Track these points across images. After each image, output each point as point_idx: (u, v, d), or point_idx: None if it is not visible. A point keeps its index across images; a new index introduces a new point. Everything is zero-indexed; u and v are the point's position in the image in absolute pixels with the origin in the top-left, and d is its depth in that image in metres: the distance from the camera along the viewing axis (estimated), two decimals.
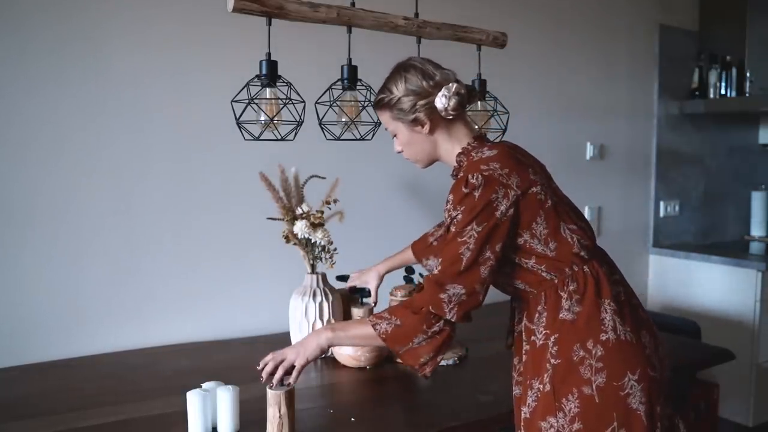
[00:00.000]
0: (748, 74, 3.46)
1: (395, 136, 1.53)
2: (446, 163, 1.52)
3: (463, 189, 1.35)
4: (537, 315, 1.41)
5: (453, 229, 1.35)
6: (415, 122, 1.46)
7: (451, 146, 1.49)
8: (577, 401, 1.33)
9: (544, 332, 1.39)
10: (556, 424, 1.35)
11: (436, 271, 1.35)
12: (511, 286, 1.44)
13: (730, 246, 3.63)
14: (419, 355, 1.37)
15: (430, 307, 1.34)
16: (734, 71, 3.52)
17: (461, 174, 1.41)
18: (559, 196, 1.46)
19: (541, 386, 1.38)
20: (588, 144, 3.21)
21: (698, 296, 3.31)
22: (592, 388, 1.33)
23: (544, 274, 1.39)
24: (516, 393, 1.49)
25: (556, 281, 1.39)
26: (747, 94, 3.48)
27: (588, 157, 3.22)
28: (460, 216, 1.34)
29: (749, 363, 3.10)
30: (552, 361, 1.36)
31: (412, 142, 1.50)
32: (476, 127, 1.91)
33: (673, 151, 3.54)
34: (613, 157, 3.32)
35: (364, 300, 2.06)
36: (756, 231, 3.83)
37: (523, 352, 1.44)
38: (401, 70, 1.48)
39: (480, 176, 1.35)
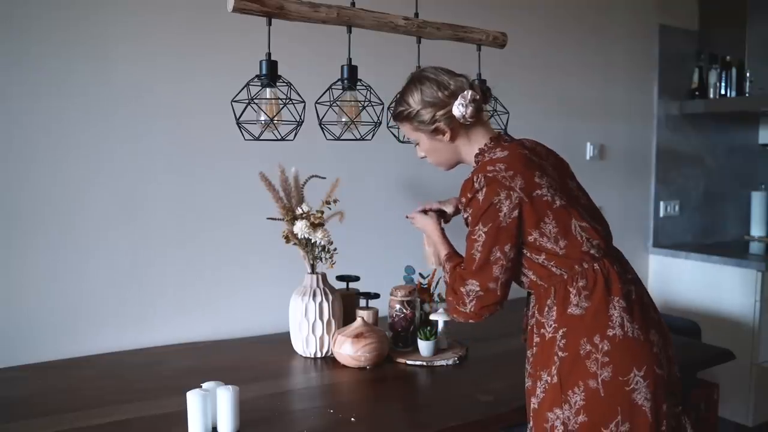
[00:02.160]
0: (748, 74, 3.46)
1: (417, 144, 1.59)
2: (469, 165, 1.57)
3: (468, 194, 1.42)
4: (547, 309, 1.44)
5: (468, 228, 1.45)
6: (436, 132, 1.52)
7: (471, 149, 1.54)
8: (583, 394, 1.36)
9: (553, 326, 1.42)
10: (562, 416, 1.37)
11: (462, 267, 1.48)
12: (525, 277, 1.48)
13: (730, 246, 3.63)
14: (453, 312, 1.48)
15: (455, 293, 1.46)
16: (734, 71, 3.52)
17: (468, 176, 1.46)
18: (573, 197, 1.48)
19: (549, 378, 1.41)
20: (588, 144, 3.21)
21: (698, 296, 3.31)
22: (597, 382, 1.35)
23: (554, 270, 1.43)
24: (528, 385, 1.51)
25: (565, 277, 1.42)
26: (747, 94, 3.48)
27: (588, 157, 3.22)
28: (470, 218, 1.43)
29: (749, 363, 3.10)
30: (560, 354, 1.39)
31: (434, 149, 1.57)
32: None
33: (673, 151, 3.54)
34: (613, 158, 3.32)
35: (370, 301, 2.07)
36: (756, 231, 3.82)
37: (534, 344, 1.47)
38: (416, 81, 1.53)
39: (483, 179, 1.40)
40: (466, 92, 1.47)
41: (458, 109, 1.47)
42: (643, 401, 1.35)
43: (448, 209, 1.91)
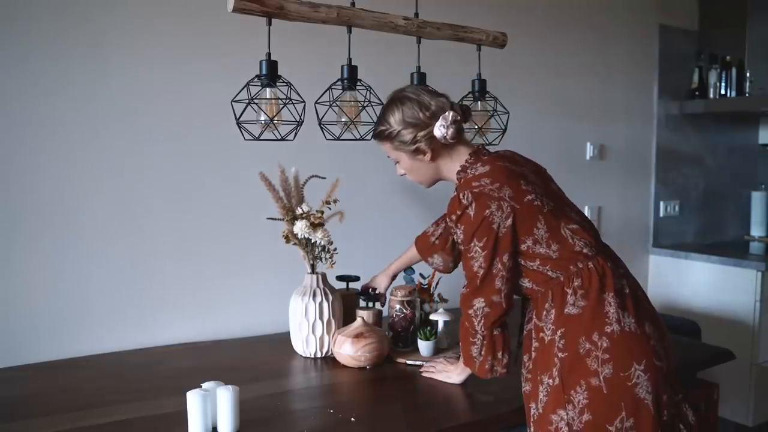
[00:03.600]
0: (748, 74, 3.46)
1: (397, 162, 1.60)
2: (450, 182, 1.58)
3: (458, 211, 1.43)
4: (545, 312, 1.44)
5: (461, 247, 1.45)
6: (417, 152, 1.53)
7: (453, 166, 1.55)
8: (586, 393, 1.36)
9: (551, 327, 1.42)
10: (566, 417, 1.37)
11: (464, 288, 1.48)
12: (522, 284, 1.49)
13: (730, 246, 3.62)
14: (484, 365, 1.50)
15: (466, 323, 1.47)
16: (734, 71, 3.52)
17: (453, 194, 1.48)
18: (559, 198, 1.50)
19: (551, 381, 1.41)
20: (588, 144, 3.21)
21: (698, 296, 3.31)
22: (599, 379, 1.36)
23: (549, 273, 1.43)
24: (525, 389, 1.52)
25: (562, 279, 1.43)
26: (747, 94, 3.48)
27: (588, 157, 3.22)
28: (461, 236, 1.43)
29: (749, 363, 3.10)
30: (559, 354, 1.40)
31: (414, 168, 1.58)
32: (475, 132, 1.95)
33: (673, 151, 3.54)
34: (613, 158, 3.32)
35: (372, 303, 2.07)
36: (756, 231, 3.82)
37: (533, 349, 1.48)
38: (397, 101, 1.54)
39: (470, 194, 1.42)
40: (447, 113, 1.48)
41: (439, 130, 1.48)
42: (645, 395, 1.36)
43: (383, 284, 2.06)
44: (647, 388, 1.36)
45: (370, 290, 2.08)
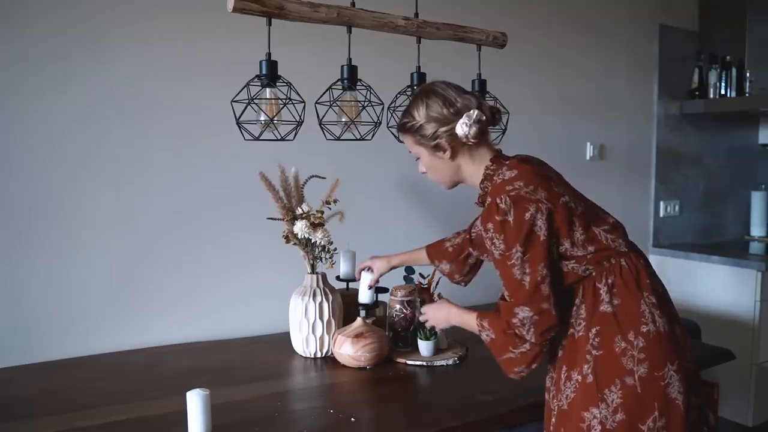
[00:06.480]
0: (748, 74, 3.46)
1: (418, 158, 1.56)
2: (470, 186, 1.55)
3: (497, 217, 1.37)
4: (575, 308, 1.43)
5: (498, 254, 1.38)
6: (437, 148, 1.49)
7: (474, 169, 1.51)
8: (620, 392, 1.36)
9: (583, 324, 1.41)
10: (599, 415, 1.37)
11: (507, 297, 1.39)
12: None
13: (730, 246, 3.62)
14: (514, 365, 1.41)
15: (515, 330, 1.38)
16: (734, 71, 3.51)
17: (489, 200, 1.43)
18: (584, 199, 1.49)
19: (581, 377, 1.40)
20: (588, 144, 3.21)
21: (698, 296, 3.31)
22: (634, 379, 1.36)
23: (581, 272, 1.42)
24: (548, 383, 1.52)
25: (594, 274, 1.42)
26: (747, 94, 3.48)
27: (588, 157, 3.22)
28: (503, 243, 1.37)
29: (749, 363, 3.10)
30: (593, 352, 1.39)
31: (434, 166, 1.54)
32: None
33: (673, 151, 3.54)
34: (613, 157, 3.32)
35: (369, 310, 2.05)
36: (756, 231, 3.82)
37: (559, 344, 1.46)
38: (423, 95, 1.51)
39: (507, 198, 1.37)
40: (471, 111, 1.45)
41: (461, 128, 1.45)
42: (676, 395, 1.36)
43: (381, 268, 1.96)
44: (679, 388, 1.36)
45: (370, 303, 2.06)
